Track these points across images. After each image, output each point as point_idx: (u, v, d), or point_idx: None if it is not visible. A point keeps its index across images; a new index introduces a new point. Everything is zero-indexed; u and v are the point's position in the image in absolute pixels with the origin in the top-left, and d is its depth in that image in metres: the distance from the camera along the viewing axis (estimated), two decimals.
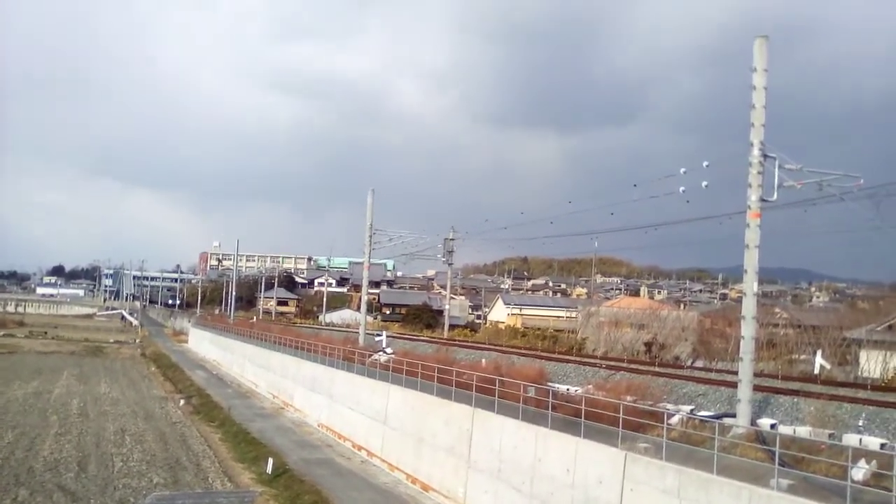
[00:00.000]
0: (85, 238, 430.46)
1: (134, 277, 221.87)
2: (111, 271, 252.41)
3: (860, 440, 19.58)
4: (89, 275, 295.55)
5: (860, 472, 16.77)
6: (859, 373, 41.02)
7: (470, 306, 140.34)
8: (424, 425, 32.52)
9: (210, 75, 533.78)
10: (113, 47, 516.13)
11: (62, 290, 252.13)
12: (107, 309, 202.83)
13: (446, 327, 77.53)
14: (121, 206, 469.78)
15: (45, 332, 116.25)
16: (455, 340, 66.18)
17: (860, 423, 22.19)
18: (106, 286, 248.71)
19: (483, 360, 42.71)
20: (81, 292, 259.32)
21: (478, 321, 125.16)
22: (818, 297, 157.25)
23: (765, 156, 23.56)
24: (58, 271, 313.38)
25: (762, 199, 23.61)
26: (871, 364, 41.75)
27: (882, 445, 19.11)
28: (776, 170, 23.53)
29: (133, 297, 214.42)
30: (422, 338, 70.60)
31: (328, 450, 39.62)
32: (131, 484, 30.86)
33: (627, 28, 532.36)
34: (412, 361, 37.42)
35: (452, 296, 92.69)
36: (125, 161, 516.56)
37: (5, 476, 31.02)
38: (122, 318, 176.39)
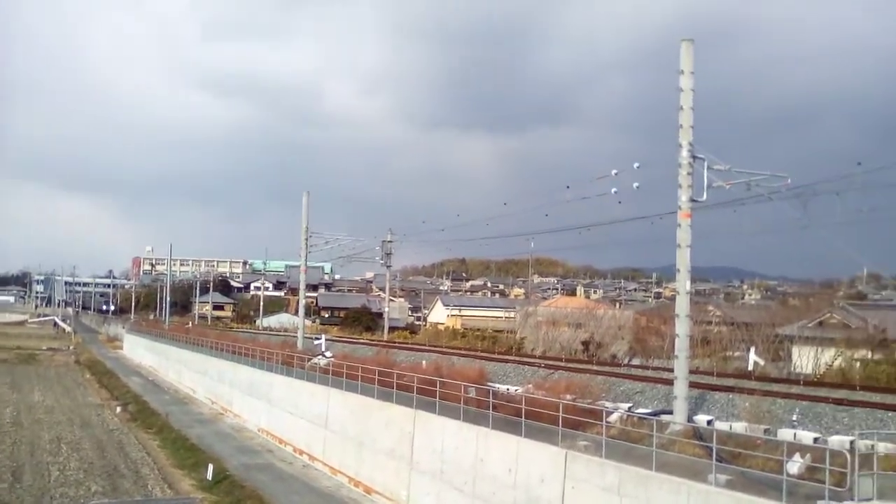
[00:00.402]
0: (14, 243, 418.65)
1: (66, 283, 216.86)
2: (42, 277, 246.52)
3: (794, 435, 20.06)
4: (19, 281, 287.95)
5: (795, 465, 17.19)
6: (792, 369, 41.93)
7: (409, 308, 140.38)
8: (366, 428, 32.50)
9: (142, 76, 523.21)
10: (41, 47, 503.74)
11: None
12: (39, 315, 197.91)
13: (386, 330, 77.45)
14: (51, 211, 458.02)
15: None
16: (395, 343, 66.12)
17: (794, 417, 22.71)
18: (37, 292, 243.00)
19: (423, 362, 42.79)
20: (12, 299, 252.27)
21: (418, 323, 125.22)
22: (750, 295, 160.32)
23: (694, 157, 23.97)
24: None
25: (692, 200, 24.02)
26: (804, 360, 42.74)
27: (815, 439, 19.61)
28: (705, 170, 23.95)
29: (65, 303, 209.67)
30: (362, 340, 70.39)
31: (269, 455, 39.34)
32: (69, 493, 30.32)
33: (561, 29, 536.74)
34: (352, 364, 37.37)
35: (392, 298, 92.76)
36: (55, 164, 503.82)
37: None
38: (55, 324, 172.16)
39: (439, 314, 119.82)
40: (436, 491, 26.57)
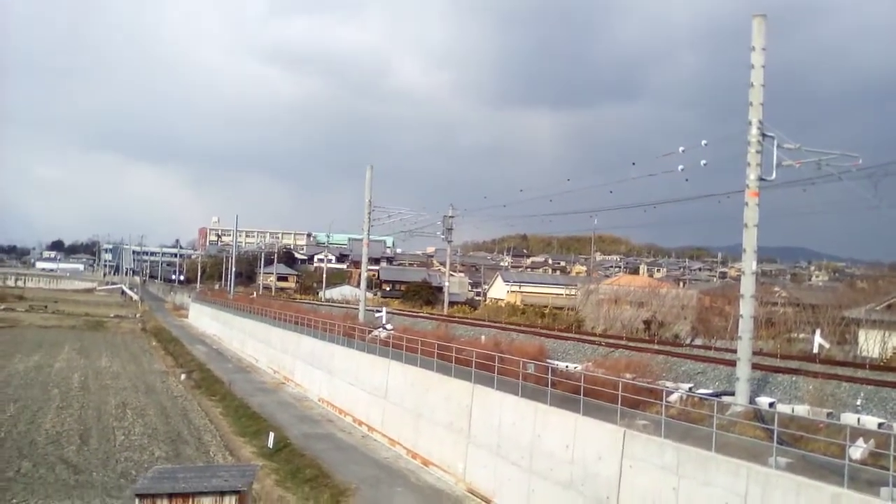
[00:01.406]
0: (84, 213, 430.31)
1: (133, 252, 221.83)
2: (111, 246, 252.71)
3: (858, 419, 19.73)
4: (89, 249, 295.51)
5: (858, 451, 16.91)
6: (858, 352, 41.14)
7: (469, 283, 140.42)
8: (424, 401, 32.72)
9: (210, 51, 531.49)
10: (114, 21, 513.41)
11: (62, 265, 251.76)
12: (107, 284, 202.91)
13: (446, 304, 77.65)
14: (120, 181, 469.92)
15: (46, 307, 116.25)
16: (454, 317, 66.33)
17: (858, 402, 22.33)
18: (106, 261, 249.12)
19: (482, 337, 42.87)
20: (81, 267, 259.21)
21: (477, 298, 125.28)
22: (817, 276, 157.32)
23: (763, 135, 23.51)
24: (57, 246, 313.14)
25: (761, 178, 23.58)
26: (870, 343, 41.89)
27: (880, 425, 19.26)
28: (775, 149, 23.49)
29: (133, 271, 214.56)
30: (421, 314, 70.77)
31: (329, 424, 39.84)
32: (133, 457, 31.14)
33: (634, 2, 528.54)
34: (412, 338, 37.58)
35: (452, 273, 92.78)
36: (125, 135, 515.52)
37: (8, 449, 31.29)
38: (122, 292, 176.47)
39: (499, 290, 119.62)
40: (493, 465, 26.67)
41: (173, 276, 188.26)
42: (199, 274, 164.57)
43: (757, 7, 23.53)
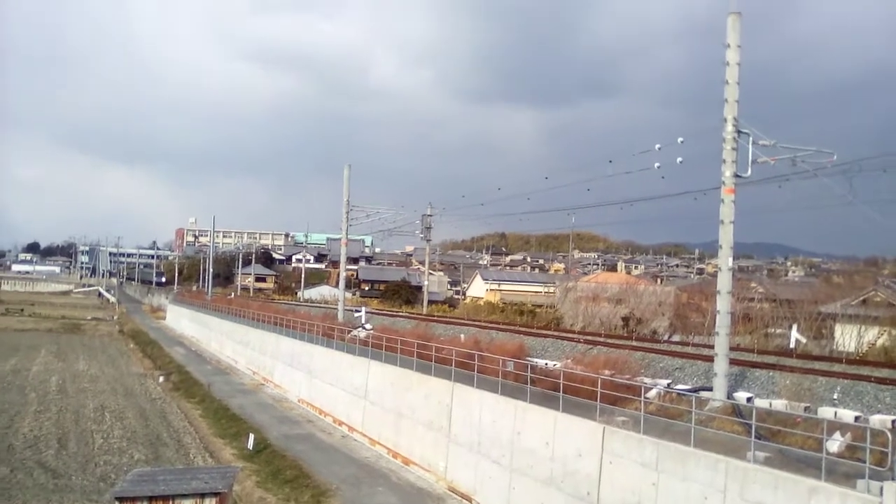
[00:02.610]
0: (60, 214, 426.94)
1: (110, 254, 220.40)
2: (87, 248, 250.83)
3: (835, 413, 19.89)
4: (65, 252, 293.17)
5: (835, 444, 17.08)
6: (834, 347, 41.42)
7: (448, 282, 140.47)
8: (404, 400, 32.75)
9: (189, 49, 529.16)
10: (91, 18, 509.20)
11: (38, 268, 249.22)
12: (83, 286, 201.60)
13: (425, 303, 77.60)
14: (96, 182, 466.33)
15: (22, 310, 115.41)
16: (434, 316, 66.33)
17: (835, 396, 22.53)
18: (82, 263, 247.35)
19: (462, 336, 42.91)
20: (58, 269, 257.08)
21: (456, 297, 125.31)
22: (793, 272, 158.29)
23: (739, 132, 23.68)
24: (33, 248, 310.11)
25: (736, 175, 23.75)
26: (846, 338, 42.21)
27: (856, 418, 19.42)
28: (750, 146, 23.66)
29: (109, 273, 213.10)
30: (401, 314, 70.70)
31: (309, 425, 39.78)
32: (112, 461, 30.97)
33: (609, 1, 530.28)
34: (391, 337, 37.59)
35: (431, 272, 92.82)
36: (102, 135, 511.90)
37: None
38: (99, 294, 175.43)
39: (478, 288, 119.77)
40: (473, 463, 26.75)
41: (157, 278, 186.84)
42: (176, 275, 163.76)
43: (733, 5, 23.66)
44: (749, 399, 22.60)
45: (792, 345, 35.01)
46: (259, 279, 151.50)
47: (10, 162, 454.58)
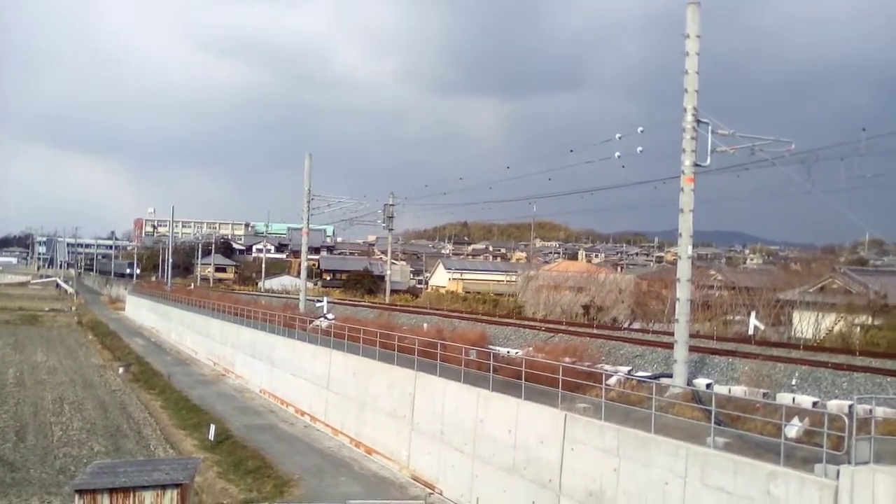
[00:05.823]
0: (17, 204, 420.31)
1: (68, 245, 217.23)
2: (45, 238, 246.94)
3: (793, 399, 20.12)
4: (22, 242, 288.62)
5: (793, 429, 17.27)
6: (792, 333, 41.96)
7: (411, 271, 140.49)
8: (367, 390, 32.71)
9: (151, 39, 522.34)
10: (49, 10, 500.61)
11: None
12: (41, 277, 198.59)
13: (388, 293, 77.56)
14: (54, 172, 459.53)
15: None
16: (396, 305, 66.23)
17: (793, 382, 22.81)
18: (39, 254, 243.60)
19: (425, 325, 42.91)
20: (14, 260, 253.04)
21: (419, 286, 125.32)
22: (752, 260, 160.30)
23: (698, 121, 23.85)
24: None
25: (696, 164, 23.91)
26: (804, 325, 42.78)
27: (814, 403, 19.67)
28: (709, 135, 23.83)
29: (67, 264, 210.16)
30: (363, 303, 70.56)
31: (271, 415, 39.62)
32: (71, 452, 30.66)
33: None
34: (354, 327, 37.51)
35: (393, 261, 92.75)
36: (59, 125, 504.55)
37: None
38: (57, 285, 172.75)
39: (441, 277, 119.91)
40: (436, 451, 26.80)
41: (128, 270, 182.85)
42: (135, 265, 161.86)
43: None
44: (709, 385, 22.82)
45: (751, 331, 35.39)
46: (219, 269, 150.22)
47: None
